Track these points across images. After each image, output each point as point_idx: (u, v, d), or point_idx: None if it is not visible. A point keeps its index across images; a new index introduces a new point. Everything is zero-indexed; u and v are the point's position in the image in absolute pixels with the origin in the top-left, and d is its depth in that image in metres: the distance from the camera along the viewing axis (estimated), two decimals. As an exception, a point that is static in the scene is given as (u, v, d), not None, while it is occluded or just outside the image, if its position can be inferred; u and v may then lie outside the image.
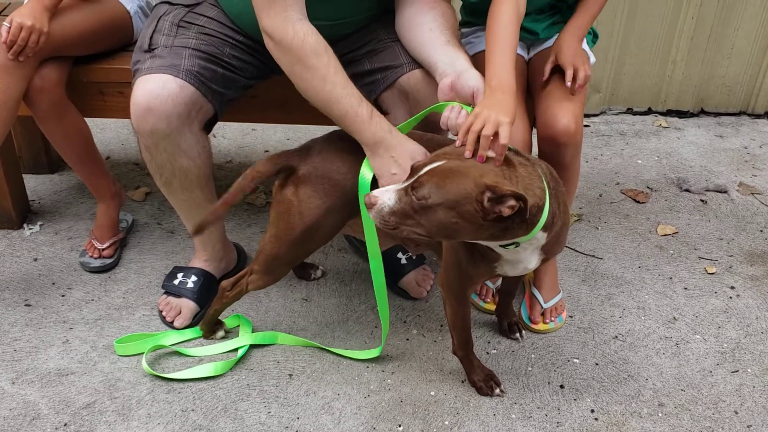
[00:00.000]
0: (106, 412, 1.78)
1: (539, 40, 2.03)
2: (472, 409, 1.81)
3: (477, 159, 1.39)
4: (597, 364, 1.95)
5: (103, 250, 2.22)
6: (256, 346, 1.96)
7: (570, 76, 1.82)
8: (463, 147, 1.43)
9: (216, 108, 1.81)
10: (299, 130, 3.02)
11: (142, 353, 1.90)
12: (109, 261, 2.22)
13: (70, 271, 2.22)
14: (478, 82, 1.59)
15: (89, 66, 2.09)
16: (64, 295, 2.13)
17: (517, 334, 2.01)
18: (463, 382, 1.88)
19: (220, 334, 1.99)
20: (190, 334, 1.99)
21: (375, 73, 1.83)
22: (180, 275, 2.08)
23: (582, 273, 2.29)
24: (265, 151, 2.91)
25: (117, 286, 2.17)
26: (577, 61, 1.83)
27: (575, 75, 1.82)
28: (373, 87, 1.82)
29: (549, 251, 1.58)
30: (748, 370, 1.95)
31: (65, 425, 1.74)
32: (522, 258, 1.56)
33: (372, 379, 1.88)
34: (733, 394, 1.87)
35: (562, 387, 1.88)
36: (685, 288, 2.24)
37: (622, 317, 2.11)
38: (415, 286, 2.16)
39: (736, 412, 1.82)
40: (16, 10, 1.89)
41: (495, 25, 1.63)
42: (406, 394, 1.85)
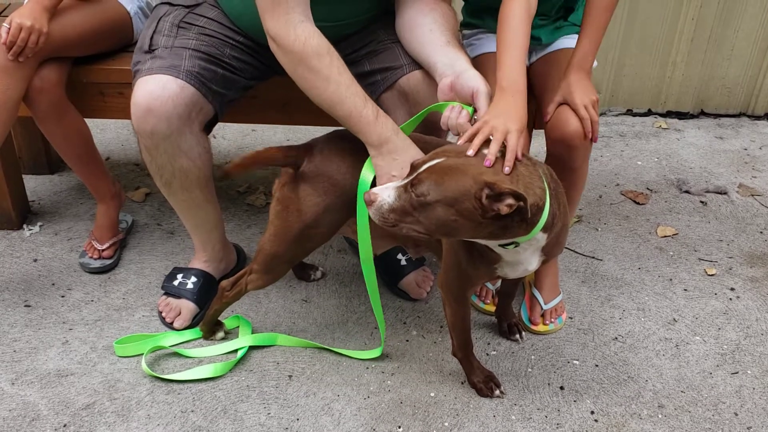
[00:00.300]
0: (105, 413, 1.77)
1: (542, 44, 2.02)
2: (472, 411, 1.81)
3: (485, 163, 1.38)
4: (597, 366, 1.95)
5: (103, 250, 2.22)
6: (255, 347, 1.96)
7: (588, 128, 1.75)
8: (463, 144, 1.43)
9: (216, 109, 1.81)
10: (299, 131, 3.02)
11: (142, 354, 1.89)
12: (108, 262, 2.22)
13: (69, 272, 2.22)
14: (478, 83, 1.59)
15: (89, 66, 2.09)
16: (63, 296, 2.12)
17: (517, 336, 2.01)
18: (462, 383, 1.88)
19: (220, 335, 1.99)
20: (189, 335, 1.99)
21: (375, 74, 1.83)
22: (180, 276, 2.08)
23: (582, 274, 2.29)
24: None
25: (117, 287, 2.17)
26: (586, 100, 1.76)
27: (593, 127, 1.76)
28: (373, 88, 1.82)
29: (549, 253, 1.58)
30: (748, 372, 1.95)
31: (65, 426, 1.74)
32: (522, 259, 1.56)
33: (372, 381, 1.88)
34: (733, 396, 1.87)
35: (562, 388, 1.88)
36: (685, 289, 2.24)
37: (622, 318, 2.11)
38: (415, 287, 2.16)
39: (736, 414, 1.82)
40: (15, 10, 1.89)
41: (506, 25, 1.61)
42: (405, 396, 1.85)
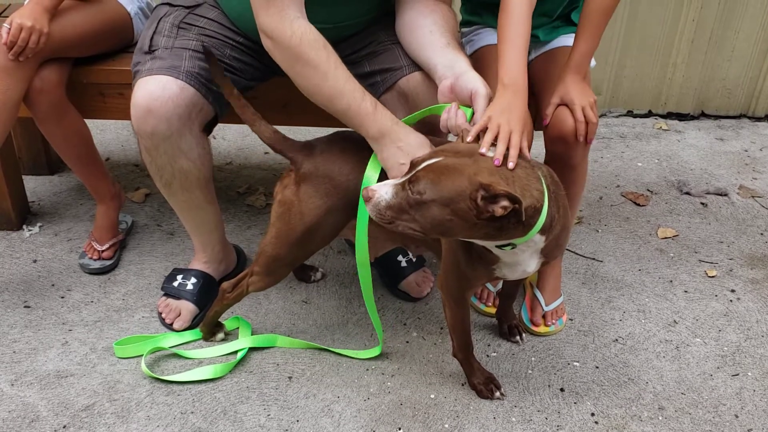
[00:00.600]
0: (105, 414, 1.77)
1: (540, 42, 2.02)
2: (472, 412, 1.81)
3: (494, 162, 1.39)
4: (597, 367, 1.95)
5: (103, 251, 2.22)
6: (255, 349, 1.96)
7: (582, 130, 1.76)
8: (462, 144, 1.44)
9: (216, 109, 1.81)
10: (299, 132, 2.99)
11: (142, 355, 1.89)
12: (108, 263, 2.22)
13: (69, 273, 2.21)
14: (477, 84, 1.59)
15: (89, 67, 2.09)
16: (63, 297, 2.12)
17: (518, 337, 2.01)
18: (463, 385, 1.88)
19: (220, 336, 1.98)
20: (189, 336, 1.98)
21: (375, 75, 1.82)
22: (179, 277, 2.08)
23: (582, 276, 2.28)
24: (265, 153, 2.90)
25: (116, 288, 2.16)
26: (584, 102, 1.76)
27: (587, 129, 1.77)
28: (372, 89, 1.82)
29: (548, 255, 1.58)
30: (749, 374, 1.95)
31: (64, 427, 1.73)
32: (520, 261, 1.56)
33: (372, 382, 1.88)
34: (733, 398, 1.87)
35: (562, 390, 1.88)
36: (686, 291, 2.24)
37: (622, 320, 2.11)
38: (416, 287, 2.16)
39: (737, 416, 1.82)
40: (16, 11, 1.89)
41: (507, 20, 1.61)
42: (406, 397, 1.84)
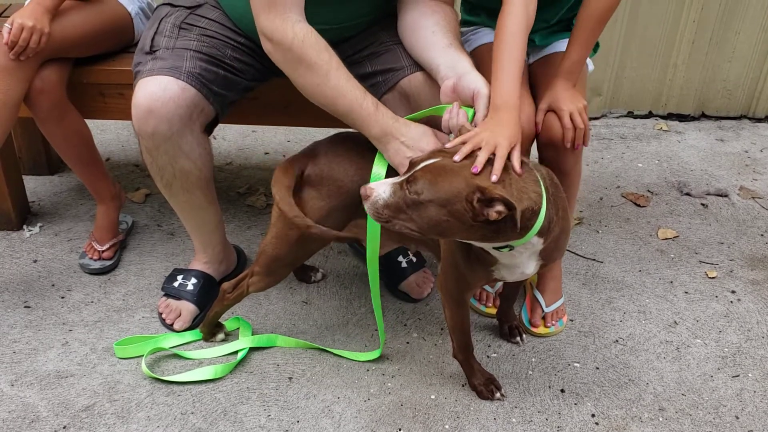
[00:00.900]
0: (105, 414, 1.77)
1: (537, 47, 2.02)
2: (473, 413, 1.80)
3: (473, 169, 1.37)
4: (598, 368, 1.95)
5: (103, 251, 2.22)
6: (255, 349, 1.96)
7: (569, 136, 1.77)
8: (452, 148, 1.44)
9: (217, 110, 1.81)
10: (300, 132, 3.01)
11: (142, 356, 1.89)
12: (108, 263, 2.22)
13: (69, 273, 2.21)
14: (479, 85, 1.59)
15: (90, 67, 2.09)
16: (63, 297, 2.12)
17: (518, 338, 2.01)
18: (463, 385, 1.87)
19: (220, 336, 1.98)
20: (189, 336, 1.98)
21: (376, 76, 1.82)
22: (180, 277, 2.08)
23: (582, 276, 2.28)
24: (266, 153, 2.90)
25: (117, 288, 2.16)
26: (572, 108, 1.77)
27: (575, 135, 1.77)
28: (374, 89, 1.81)
29: (547, 257, 1.57)
30: (749, 375, 1.95)
31: (64, 428, 1.73)
32: (518, 263, 1.56)
33: (372, 383, 1.88)
34: (733, 399, 1.87)
35: (562, 391, 1.88)
36: (686, 292, 2.24)
37: (622, 321, 2.11)
38: (416, 288, 2.16)
39: (737, 417, 1.82)
40: (17, 11, 1.89)
41: (502, 40, 1.60)
42: (406, 398, 1.84)
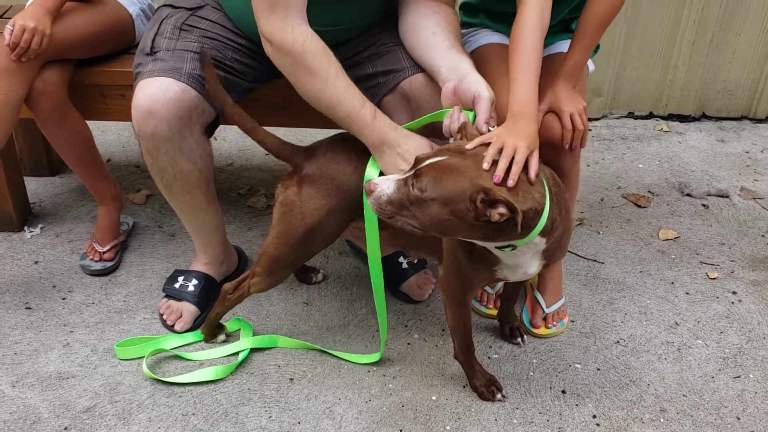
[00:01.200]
0: (106, 415, 1.77)
1: None
2: (474, 414, 1.80)
3: (494, 179, 1.37)
4: (599, 369, 1.95)
5: (104, 253, 2.22)
6: (256, 350, 1.96)
7: (569, 137, 1.78)
8: (464, 141, 1.44)
9: (217, 112, 1.81)
10: (300, 133, 3.00)
11: (143, 357, 1.89)
12: (109, 264, 2.22)
13: (70, 274, 2.21)
14: (480, 87, 1.59)
15: (91, 69, 2.09)
16: (64, 298, 2.12)
17: (519, 339, 2.01)
18: (464, 387, 1.87)
19: (221, 337, 1.98)
20: (190, 337, 1.98)
21: (377, 77, 1.82)
22: (181, 278, 2.08)
23: (584, 277, 2.28)
24: (266, 154, 2.89)
25: (118, 290, 2.16)
26: (573, 109, 1.78)
27: (573, 135, 1.78)
28: (375, 90, 1.82)
29: (550, 257, 1.58)
30: (750, 376, 1.94)
31: (66, 429, 1.73)
32: (521, 262, 1.56)
33: (373, 384, 1.88)
34: (735, 400, 1.87)
35: (563, 392, 1.88)
36: (687, 293, 2.24)
37: (623, 322, 2.11)
38: (417, 289, 2.16)
39: (738, 418, 1.82)
40: (18, 13, 1.89)
41: (519, 49, 1.60)
42: (407, 399, 1.84)
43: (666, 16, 3.04)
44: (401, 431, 1.76)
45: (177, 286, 2.06)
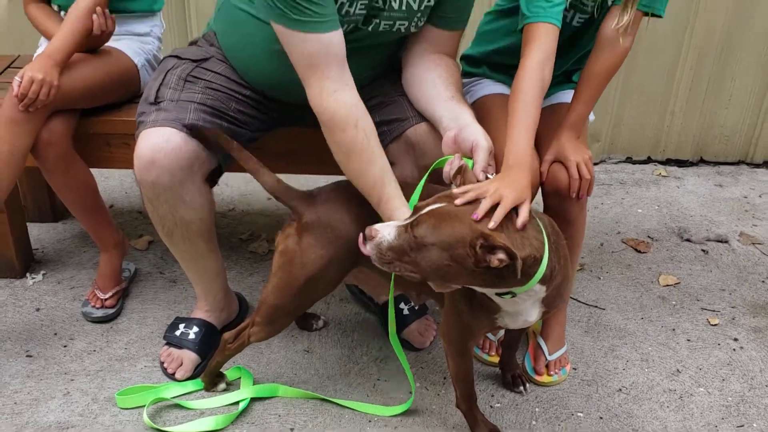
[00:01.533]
0: (106, 466, 1.76)
1: None
2: (476, 465, 1.79)
3: (472, 216, 1.39)
4: (601, 418, 1.93)
5: (106, 299, 2.22)
6: (257, 399, 1.95)
7: (576, 186, 1.81)
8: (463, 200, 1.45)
9: (220, 161, 1.83)
10: (303, 179, 3.02)
11: (144, 406, 1.88)
12: (111, 311, 2.22)
13: (72, 321, 2.21)
14: (479, 137, 1.63)
15: (96, 118, 2.12)
16: (65, 346, 2.12)
17: (521, 387, 2.00)
18: (466, 436, 1.86)
19: (222, 386, 1.97)
20: (191, 386, 1.97)
21: (382, 126, 1.85)
22: (182, 326, 2.08)
23: (585, 324, 2.28)
24: (268, 199, 2.92)
25: (119, 337, 2.16)
26: (578, 159, 1.81)
27: (580, 186, 1.81)
28: (380, 138, 1.84)
29: (550, 304, 1.58)
30: (754, 425, 1.93)
31: (64, 480, 1.72)
32: (521, 309, 1.56)
33: (375, 433, 1.87)
34: (739, 450, 1.86)
35: (566, 442, 1.86)
36: (688, 339, 2.23)
37: (625, 369, 2.10)
38: (418, 336, 2.15)
39: (743, 468, 1.81)
40: (27, 64, 1.92)
41: (519, 100, 1.63)
42: (409, 449, 1.83)
43: (663, 62, 3.09)
44: (403, 482, 1.74)
45: (178, 333, 2.06)
